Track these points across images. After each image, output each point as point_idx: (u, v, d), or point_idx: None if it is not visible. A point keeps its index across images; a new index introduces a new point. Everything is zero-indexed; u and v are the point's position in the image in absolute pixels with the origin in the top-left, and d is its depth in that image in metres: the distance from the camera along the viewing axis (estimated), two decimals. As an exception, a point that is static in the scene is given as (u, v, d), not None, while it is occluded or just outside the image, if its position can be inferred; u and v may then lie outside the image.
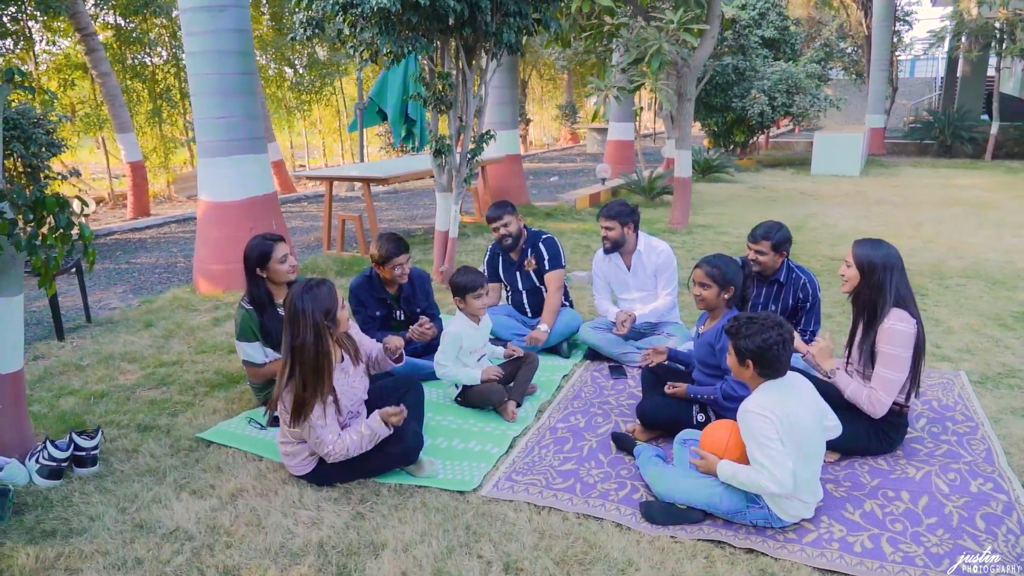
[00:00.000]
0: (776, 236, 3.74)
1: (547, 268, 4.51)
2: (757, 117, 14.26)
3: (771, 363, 2.56)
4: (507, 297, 4.74)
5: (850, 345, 3.27)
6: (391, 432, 2.91)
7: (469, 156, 5.64)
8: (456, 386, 3.76)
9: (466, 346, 3.72)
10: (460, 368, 3.70)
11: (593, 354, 4.40)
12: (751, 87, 14.14)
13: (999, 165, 15.07)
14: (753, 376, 2.62)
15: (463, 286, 3.66)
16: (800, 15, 21.89)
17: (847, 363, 3.25)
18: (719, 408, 3.21)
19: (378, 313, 4.16)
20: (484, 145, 5.59)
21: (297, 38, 5.18)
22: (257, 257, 3.53)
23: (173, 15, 12.56)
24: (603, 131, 19.60)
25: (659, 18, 7.10)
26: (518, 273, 4.61)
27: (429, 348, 4.05)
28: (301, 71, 14.83)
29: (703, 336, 3.36)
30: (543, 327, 4.35)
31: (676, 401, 3.34)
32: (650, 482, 2.84)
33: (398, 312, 4.23)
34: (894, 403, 3.11)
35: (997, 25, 14.19)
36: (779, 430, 2.52)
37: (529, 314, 4.64)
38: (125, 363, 4.42)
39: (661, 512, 2.69)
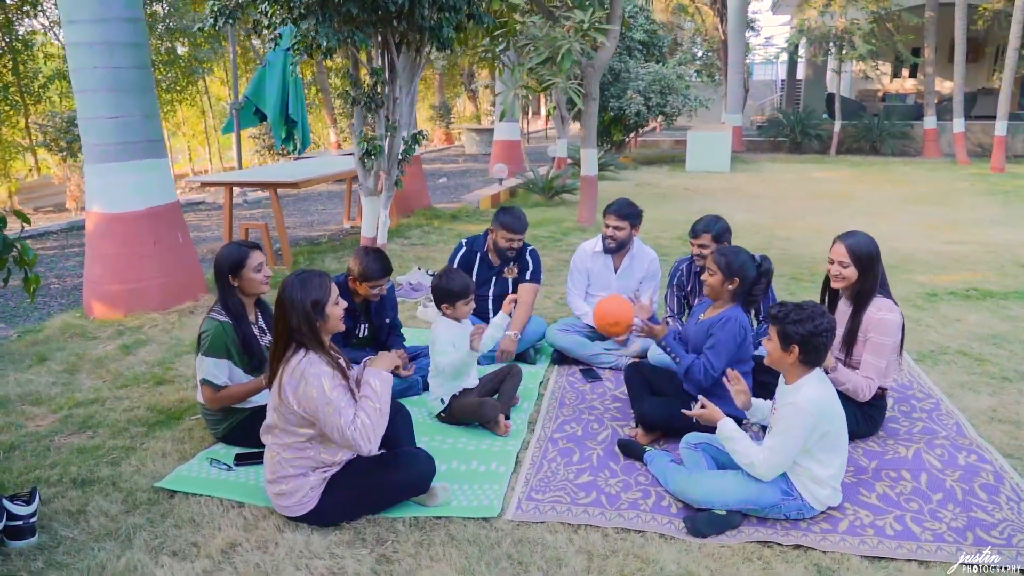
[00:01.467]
0: (715, 228, 3.83)
1: (527, 279, 4.35)
2: (634, 117, 14.79)
3: (816, 350, 2.57)
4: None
5: None
6: (391, 379, 2.68)
7: (400, 157, 5.35)
8: (442, 401, 3.52)
9: (453, 341, 3.50)
10: (461, 351, 3.45)
11: (560, 357, 4.30)
12: (627, 88, 14.64)
13: (843, 160, 16.63)
14: (794, 363, 2.62)
15: (455, 292, 3.43)
16: (661, 19, 23.03)
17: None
18: (680, 370, 3.25)
19: (347, 325, 3.81)
20: (416, 146, 5.32)
21: (206, 27, 4.67)
22: (231, 264, 3.16)
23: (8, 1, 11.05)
24: (481, 131, 19.59)
25: (569, 17, 7.12)
26: (495, 278, 4.41)
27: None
28: (162, 68, 13.56)
29: (703, 322, 3.34)
30: (511, 333, 4.17)
31: (672, 401, 3.31)
32: (681, 490, 2.77)
33: (362, 326, 3.90)
34: (879, 387, 3.25)
35: (837, 33, 15.63)
36: (814, 426, 2.54)
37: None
38: (28, 406, 3.77)
39: (706, 523, 2.62)
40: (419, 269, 6.15)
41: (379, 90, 4.94)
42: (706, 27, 22.38)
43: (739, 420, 3.28)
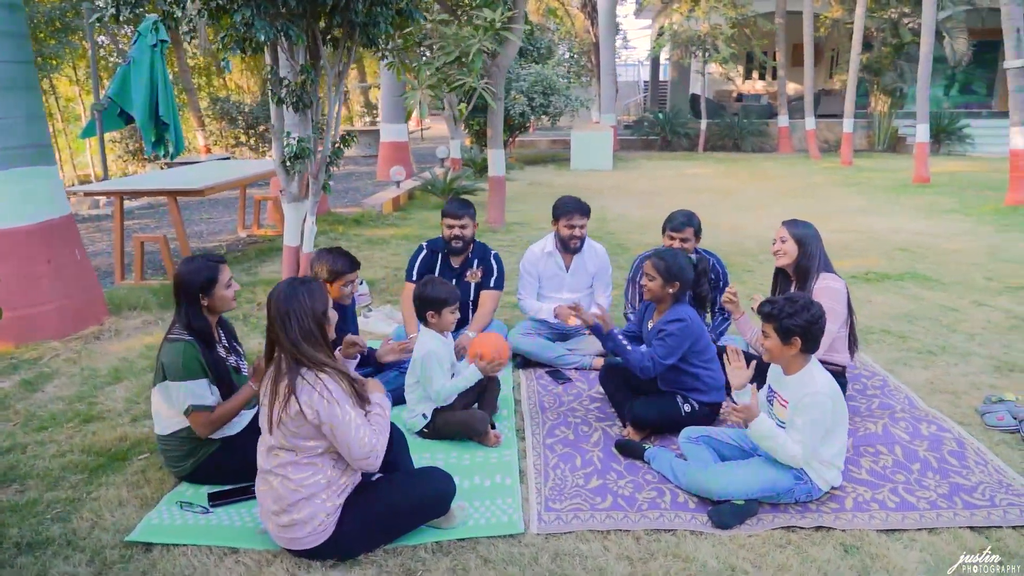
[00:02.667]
0: (695, 221, 3.94)
1: (491, 285, 4.22)
2: (518, 117, 14.95)
3: (815, 337, 2.68)
4: None
5: None
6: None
7: (328, 160, 5.04)
8: (424, 416, 3.34)
9: (444, 361, 3.34)
10: (452, 380, 3.30)
11: (524, 361, 4.22)
12: (510, 88, 14.75)
13: (710, 156, 17.71)
14: (796, 355, 2.71)
15: (441, 300, 3.26)
16: (532, 21, 23.42)
17: None
18: (628, 362, 3.27)
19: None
20: (345, 148, 5.04)
21: (106, 18, 4.17)
22: (203, 281, 2.84)
23: None
24: (360, 134, 19.02)
25: (474, 16, 7.04)
26: (455, 281, 4.23)
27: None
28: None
29: (654, 328, 3.37)
30: (470, 333, 4.05)
31: (662, 398, 3.34)
32: (698, 484, 2.79)
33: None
34: (838, 365, 3.45)
35: (701, 37, 16.62)
36: (834, 411, 2.64)
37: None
38: (-75, 463, 3.18)
39: (730, 514, 2.66)
40: None
41: (308, 88, 4.62)
42: (576, 30, 23.03)
43: (718, 407, 3.38)
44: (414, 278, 4.20)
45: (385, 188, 11.36)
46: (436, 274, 4.19)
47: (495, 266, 4.27)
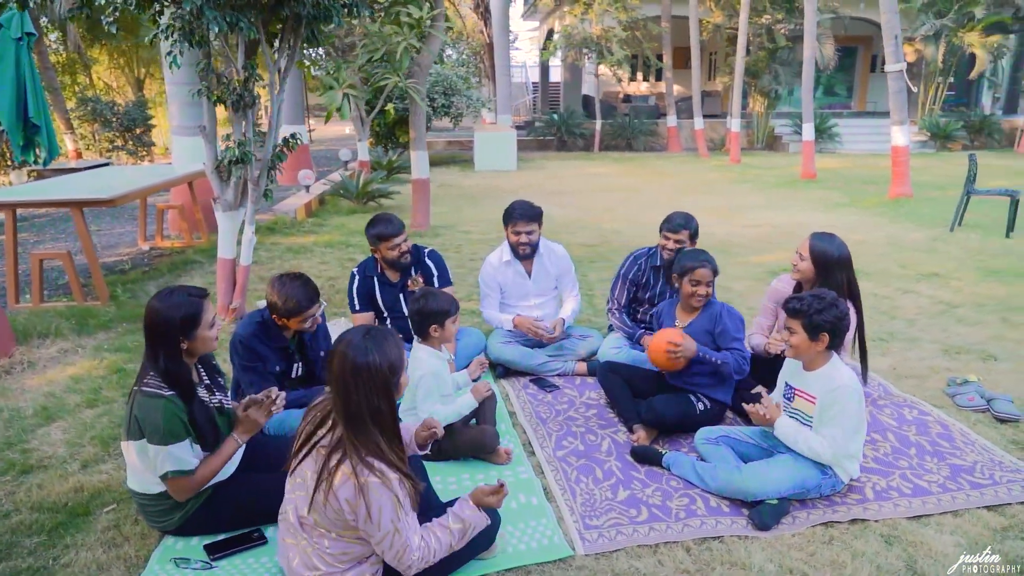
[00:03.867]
0: (693, 224, 3.94)
1: (437, 285, 4.00)
2: (420, 118, 14.63)
3: (842, 334, 2.73)
4: (388, 325, 4.06)
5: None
6: (488, 522, 2.29)
7: (270, 165, 4.65)
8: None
9: (444, 380, 3.12)
10: (445, 404, 3.08)
11: (505, 371, 4.07)
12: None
13: (606, 155, 18.15)
14: (821, 352, 2.74)
15: (443, 312, 3.04)
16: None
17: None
18: (725, 372, 3.28)
19: (277, 368, 3.19)
20: (289, 150, 4.66)
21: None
22: (183, 320, 2.41)
23: None
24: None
25: (406, 12, 6.78)
26: (401, 296, 4.00)
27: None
28: None
29: (695, 324, 3.35)
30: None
31: (678, 396, 3.31)
32: (731, 486, 2.76)
33: (297, 365, 3.30)
34: None
35: (594, 39, 16.97)
36: (859, 404, 2.69)
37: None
38: None
39: (769, 514, 2.65)
40: None
41: (250, 87, 4.23)
42: (467, 31, 22.93)
43: (726, 405, 3.40)
44: (357, 308, 3.97)
45: (292, 193, 10.77)
46: (377, 296, 3.96)
47: (432, 264, 4.08)
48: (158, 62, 17.61)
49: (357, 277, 4.00)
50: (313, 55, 8.22)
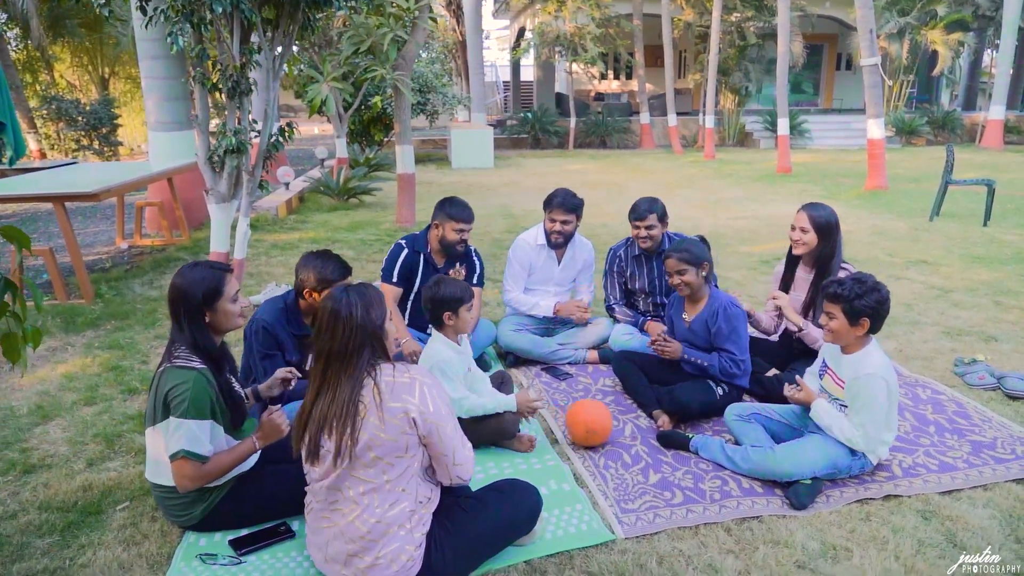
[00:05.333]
0: (658, 207, 3.93)
1: (475, 282, 3.94)
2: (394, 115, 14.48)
3: (883, 317, 2.71)
4: (409, 307, 3.95)
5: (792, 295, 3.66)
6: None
7: (265, 156, 4.52)
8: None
9: (451, 373, 3.03)
10: (485, 400, 2.99)
11: (516, 359, 4.01)
12: (386, 86, 14.26)
13: (582, 153, 18.18)
14: (860, 337, 2.73)
15: (457, 298, 2.95)
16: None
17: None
18: (713, 374, 3.26)
19: (293, 358, 3.09)
20: (283, 141, 4.54)
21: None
22: (204, 294, 2.37)
23: None
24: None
25: (393, 3, 6.67)
26: None
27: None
28: None
29: (696, 321, 3.33)
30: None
31: (696, 383, 3.28)
32: (764, 467, 2.74)
33: (311, 356, 3.20)
34: None
35: (567, 36, 16.99)
36: (889, 392, 2.68)
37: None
38: None
39: (805, 494, 2.63)
40: (276, 284, 5.30)
41: (246, 74, 4.10)
42: (440, 29, 22.75)
43: (743, 390, 3.38)
44: (394, 280, 3.84)
45: (272, 191, 10.55)
46: (418, 274, 3.86)
47: (477, 263, 4.02)
48: (123, 61, 17.17)
49: (405, 249, 3.87)
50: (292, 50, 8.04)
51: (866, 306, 2.66)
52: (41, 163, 11.42)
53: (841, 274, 3.42)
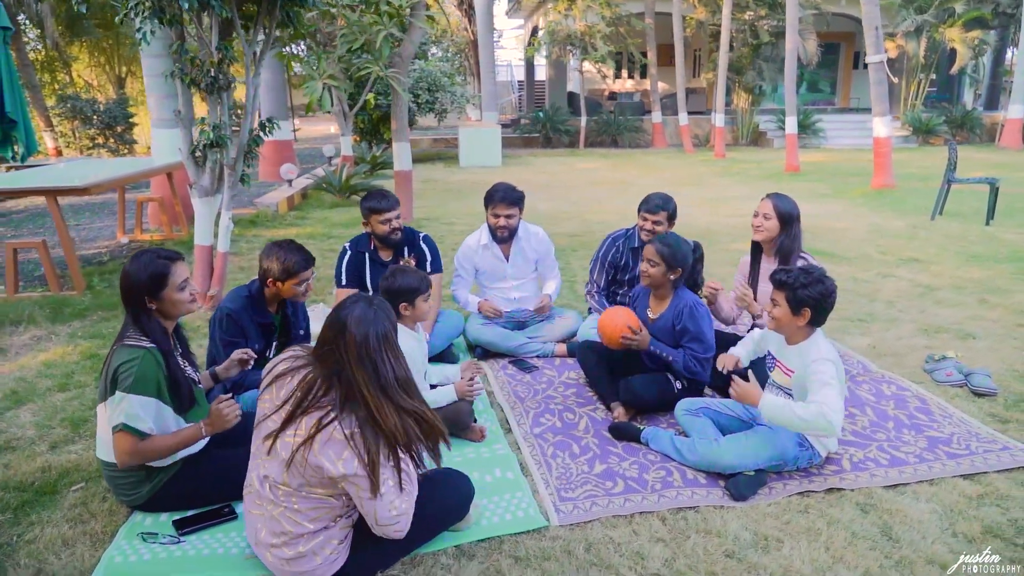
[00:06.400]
0: (671, 205, 3.93)
1: (429, 270, 3.96)
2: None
3: (826, 310, 2.70)
4: None
5: (755, 288, 3.66)
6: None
7: (247, 149, 4.60)
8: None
9: (418, 364, 3.07)
10: (431, 394, 3.04)
11: (484, 352, 4.04)
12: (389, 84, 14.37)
13: (593, 152, 18.15)
14: (802, 327, 2.72)
15: (414, 288, 2.98)
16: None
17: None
18: (676, 369, 3.25)
19: (256, 346, 3.15)
20: (266, 135, 4.61)
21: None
22: (148, 280, 2.43)
23: None
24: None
25: (385, 1, 6.74)
26: None
27: None
28: None
29: (662, 319, 3.33)
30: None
31: (654, 376, 3.29)
32: (708, 459, 2.74)
33: (275, 345, 3.27)
34: None
35: (578, 35, 16.99)
36: (837, 374, 2.67)
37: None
38: None
39: (746, 485, 2.64)
40: (325, 306, 5.36)
41: (224, 69, 4.17)
42: (451, 28, 22.88)
43: (703, 383, 3.38)
44: (344, 283, 3.91)
45: (274, 187, 10.69)
46: (367, 273, 3.91)
47: (427, 248, 4.03)
48: (139, 60, 17.47)
49: (348, 251, 3.94)
50: (295, 50, 8.13)
51: (809, 296, 2.65)
52: (55, 161, 11.66)
53: (799, 263, 3.43)
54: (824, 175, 12.45)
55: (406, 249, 3.93)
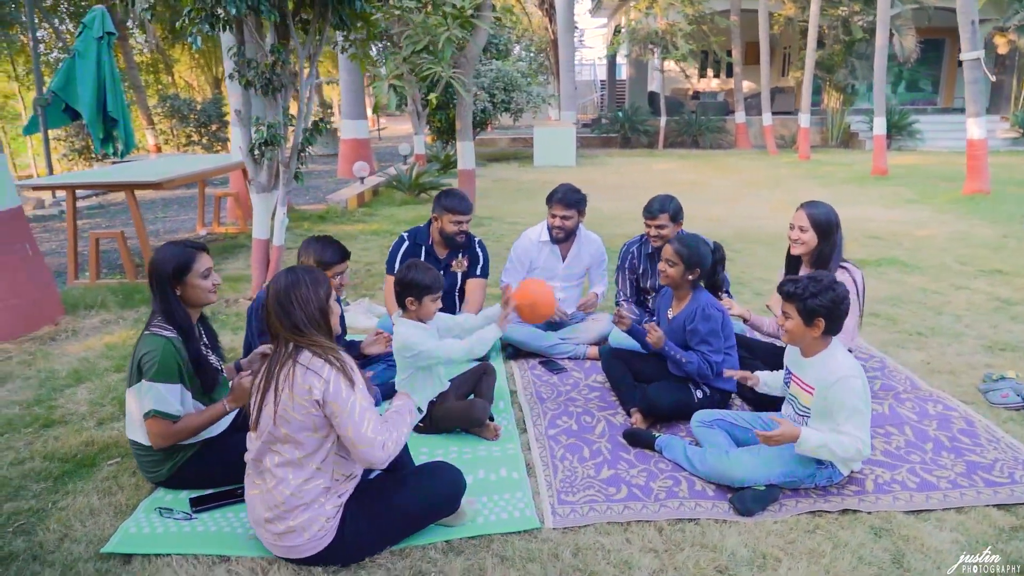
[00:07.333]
0: (671, 207, 3.83)
1: (478, 273, 4.02)
2: (479, 114, 14.77)
3: (840, 318, 2.57)
4: None
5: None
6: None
7: (300, 148, 4.79)
8: (420, 410, 3.12)
9: (431, 334, 3.11)
10: (469, 340, 2.97)
11: (515, 351, 4.06)
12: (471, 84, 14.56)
13: (671, 152, 17.81)
14: (817, 338, 2.60)
15: (424, 286, 3.01)
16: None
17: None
18: (689, 371, 3.15)
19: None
20: (318, 134, 4.79)
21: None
22: (174, 269, 2.59)
23: None
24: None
25: (448, 3, 6.85)
26: (442, 273, 4.03)
27: None
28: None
29: (676, 319, 3.26)
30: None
31: (675, 384, 3.22)
32: (718, 470, 2.66)
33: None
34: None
35: (659, 34, 16.70)
36: (864, 391, 2.54)
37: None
38: None
39: (753, 500, 2.54)
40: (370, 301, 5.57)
41: (278, 70, 4.36)
42: (533, 28, 22.96)
43: (729, 394, 3.28)
44: (395, 271, 3.97)
45: (348, 185, 11.06)
46: None
47: (480, 254, 4.08)
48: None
49: (406, 241, 4.02)
50: (371, 51, 8.37)
51: (820, 305, 2.53)
52: (147, 157, 12.47)
53: (838, 273, 3.25)
54: (913, 179, 11.75)
55: (461, 252, 3.99)
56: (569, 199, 4.02)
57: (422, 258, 3.96)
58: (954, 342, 4.15)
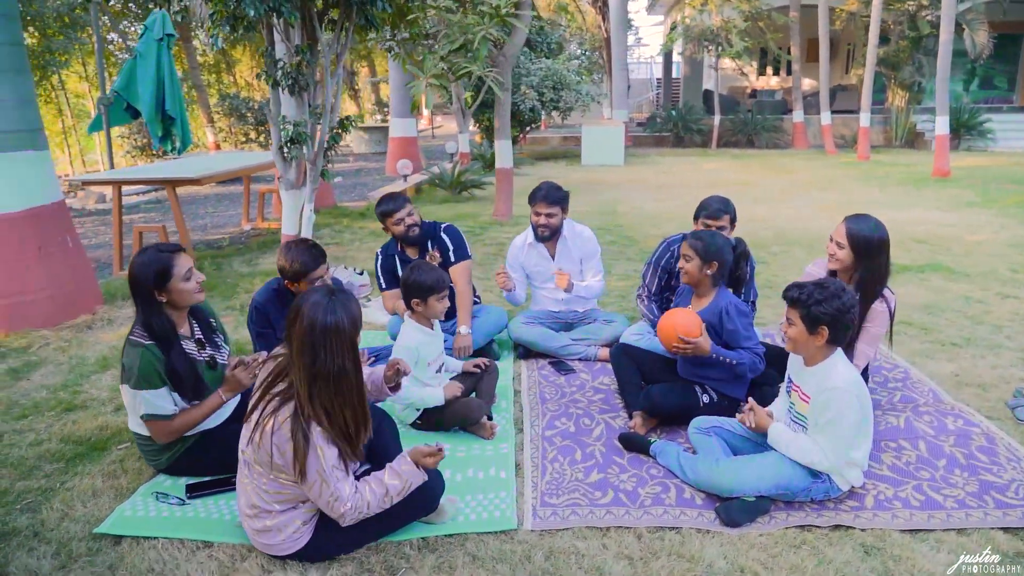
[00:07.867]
0: (732, 208, 3.72)
1: (452, 260, 4.03)
2: (528, 112, 14.76)
3: (845, 328, 2.47)
4: None
5: None
6: (425, 478, 2.30)
7: (326, 146, 4.89)
8: (417, 408, 3.17)
9: (423, 357, 3.15)
10: (420, 388, 3.11)
11: (526, 351, 4.04)
12: (520, 83, 14.57)
13: (725, 152, 17.42)
14: (821, 346, 2.51)
15: (428, 286, 3.07)
16: (542, 16, 23.22)
17: None
18: (742, 372, 3.07)
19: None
20: (345, 132, 4.88)
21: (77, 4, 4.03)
22: (155, 275, 2.59)
23: None
24: (370, 130, 18.93)
25: (485, 2, 6.87)
26: None
27: None
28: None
29: (700, 315, 3.19)
30: (463, 329, 3.85)
31: (681, 386, 3.15)
32: (708, 479, 2.60)
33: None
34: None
35: (714, 31, 16.35)
36: (861, 409, 2.44)
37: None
38: (-101, 451, 3.05)
39: (739, 511, 2.47)
40: (346, 268, 5.69)
41: (303, 70, 4.46)
42: (587, 26, 22.81)
43: (738, 401, 3.19)
44: (383, 286, 4.09)
45: (392, 183, 11.23)
46: (399, 273, 4.00)
47: (447, 238, 4.07)
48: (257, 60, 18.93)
49: (380, 256, 4.12)
50: (411, 49, 8.45)
51: (824, 313, 2.43)
52: (206, 154, 12.92)
53: (879, 305, 3.08)
54: (977, 181, 11.17)
55: (429, 243, 4.02)
56: (552, 196, 3.98)
57: (397, 266, 4.02)
58: (989, 354, 3.93)
